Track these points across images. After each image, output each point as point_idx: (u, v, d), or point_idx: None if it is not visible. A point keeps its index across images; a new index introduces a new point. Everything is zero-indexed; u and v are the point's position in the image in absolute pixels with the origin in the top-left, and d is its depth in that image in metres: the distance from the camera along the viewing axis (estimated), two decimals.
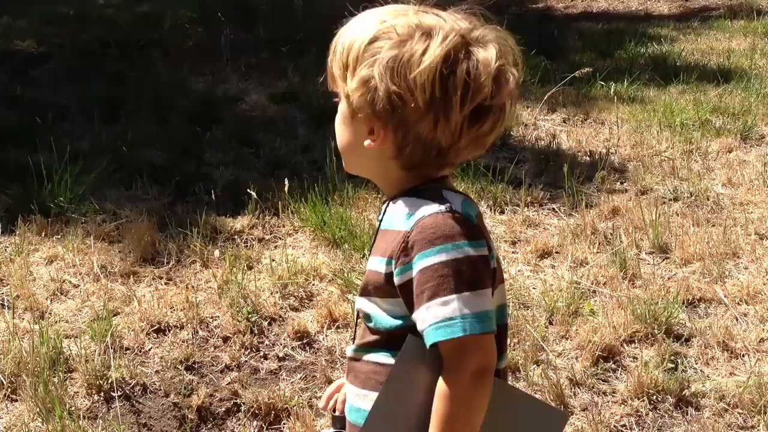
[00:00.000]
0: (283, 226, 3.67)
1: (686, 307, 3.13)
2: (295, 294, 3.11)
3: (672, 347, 2.84)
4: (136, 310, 2.94)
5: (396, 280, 1.26)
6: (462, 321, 1.20)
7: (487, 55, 1.26)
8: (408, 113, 1.26)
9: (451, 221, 1.25)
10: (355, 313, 1.48)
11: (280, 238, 3.59)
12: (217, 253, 3.33)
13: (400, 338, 1.29)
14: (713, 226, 3.76)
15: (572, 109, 5.16)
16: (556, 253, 3.52)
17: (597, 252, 3.50)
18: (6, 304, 2.95)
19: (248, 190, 3.63)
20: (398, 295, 1.28)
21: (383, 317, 1.31)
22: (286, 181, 3.53)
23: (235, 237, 3.55)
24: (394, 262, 1.26)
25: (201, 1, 7.54)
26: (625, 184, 4.26)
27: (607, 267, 3.37)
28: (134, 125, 4.70)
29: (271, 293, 3.10)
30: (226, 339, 2.85)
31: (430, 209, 1.27)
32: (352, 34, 1.31)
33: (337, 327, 2.94)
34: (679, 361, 2.79)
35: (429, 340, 1.22)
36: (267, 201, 3.74)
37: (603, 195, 4.06)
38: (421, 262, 1.23)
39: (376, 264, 1.31)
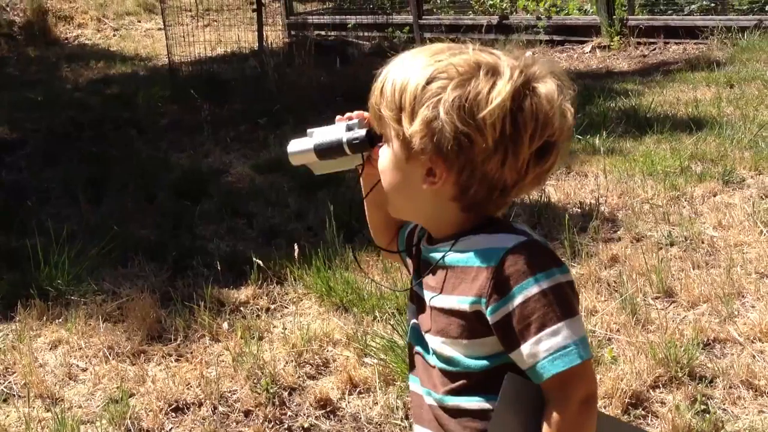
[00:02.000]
0: (287, 294, 3.62)
1: (702, 348, 3.13)
2: (311, 361, 3.05)
3: (698, 389, 2.83)
4: (151, 389, 2.85)
5: (490, 318, 1.23)
6: (575, 348, 1.19)
7: (550, 89, 1.26)
8: (475, 153, 1.24)
9: (536, 250, 1.24)
10: (410, 353, 1.42)
11: (287, 307, 3.54)
12: (225, 325, 3.27)
13: (491, 379, 1.25)
14: (713, 267, 3.80)
15: None
16: None
17: (605, 300, 3.50)
18: (16, 392, 2.84)
19: (252, 260, 3.59)
20: (489, 334, 1.24)
21: (469, 359, 1.27)
22: (296, 247, 3.49)
23: (241, 308, 3.49)
24: (485, 300, 1.23)
25: (172, 79, 7.59)
26: (618, 232, 4.30)
27: (618, 314, 3.37)
28: (121, 203, 4.65)
29: (287, 362, 3.03)
30: (247, 413, 2.77)
31: (511, 242, 1.24)
32: (403, 74, 1.27)
33: (359, 392, 2.88)
34: (708, 402, 2.77)
35: (546, 373, 1.19)
36: (268, 270, 3.70)
37: (600, 244, 4.09)
38: (520, 296, 1.21)
39: (457, 303, 1.27)
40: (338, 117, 1.46)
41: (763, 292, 3.53)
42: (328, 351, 3.12)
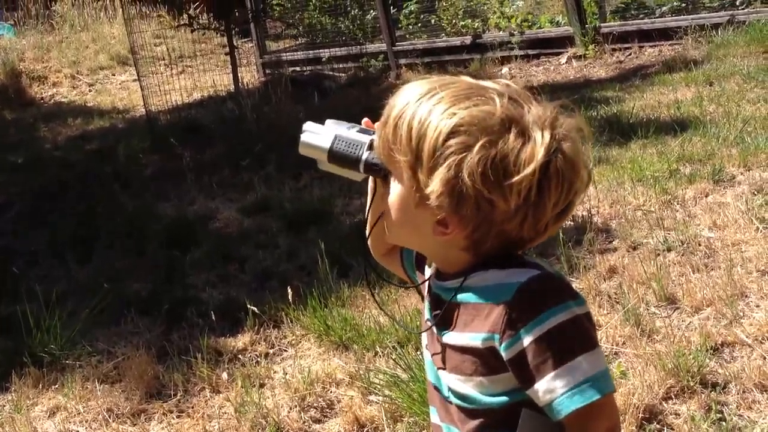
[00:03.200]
0: (285, 337, 3.55)
1: (711, 353, 3.07)
2: (316, 405, 2.98)
3: (711, 397, 2.77)
4: None
5: (505, 354, 1.18)
6: (594, 383, 1.14)
7: (575, 149, 1.20)
8: (495, 215, 1.19)
9: (550, 284, 1.20)
10: (431, 388, 1.36)
11: (285, 350, 3.47)
12: (225, 375, 3.20)
13: (512, 416, 1.21)
14: (712, 270, 3.76)
15: None
16: None
17: (607, 313, 3.45)
18: None
19: (247, 306, 3.52)
20: (505, 370, 1.20)
21: (486, 396, 1.23)
22: (289, 289, 3.43)
23: (239, 356, 3.42)
24: (498, 336, 1.18)
25: (151, 129, 7.56)
26: (614, 242, 4.26)
27: (622, 326, 3.31)
28: (110, 260, 4.59)
29: (290, 408, 2.96)
30: None
31: (525, 275, 1.19)
32: (421, 118, 1.18)
33: None
34: (723, 410, 2.71)
35: (564, 410, 1.14)
36: (264, 314, 3.63)
37: (596, 256, 4.05)
38: (535, 331, 1.16)
39: (470, 341, 1.23)
40: (365, 120, 1.37)
41: (767, 290, 3.48)
42: (331, 392, 3.05)
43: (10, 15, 14.05)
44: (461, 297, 1.26)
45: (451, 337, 1.26)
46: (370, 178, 1.38)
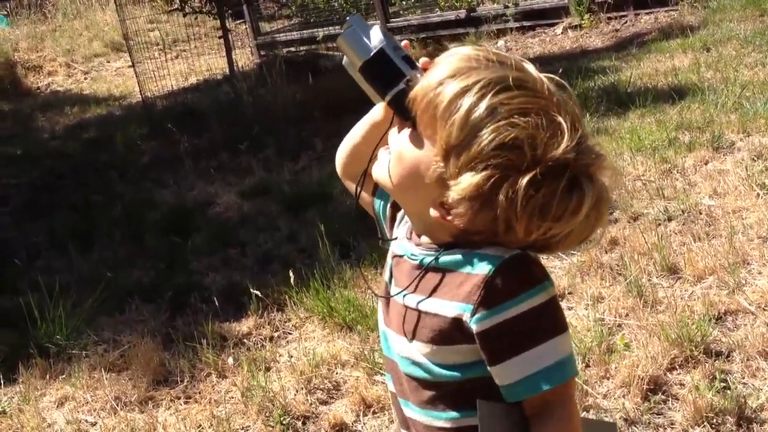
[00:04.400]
0: (289, 320, 3.56)
1: (714, 322, 3.08)
2: (322, 387, 2.99)
3: (716, 366, 2.78)
4: None
5: (475, 327, 1.15)
6: (565, 365, 1.15)
7: (609, 201, 1.17)
8: (506, 232, 1.15)
9: (531, 263, 1.17)
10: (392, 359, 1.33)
11: (290, 333, 3.48)
12: (230, 360, 3.21)
13: (458, 393, 1.20)
14: (714, 238, 3.75)
15: None
16: (570, 294, 3.46)
17: (610, 285, 3.45)
18: None
19: (250, 290, 3.53)
20: (462, 342, 1.17)
21: (438, 367, 1.21)
22: (291, 273, 3.43)
23: (244, 340, 3.43)
24: (471, 307, 1.15)
25: (148, 115, 7.53)
26: (614, 213, 4.25)
27: (625, 298, 3.31)
28: (111, 249, 4.59)
29: (297, 391, 2.97)
30: None
31: (507, 252, 1.16)
32: (481, 113, 1.11)
33: (374, 412, 2.82)
34: (727, 378, 2.72)
35: (534, 390, 1.14)
36: (267, 298, 3.64)
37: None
38: (512, 309, 1.13)
39: (437, 307, 1.19)
40: (423, 62, 1.22)
41: None
42: (337, 374, 3.06)
43: (3, 5, 13.96)
44: (444, 263, 1.22)
45: (413, 300, 1.23)
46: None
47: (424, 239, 1.26)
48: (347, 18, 1.26)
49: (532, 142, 1.11)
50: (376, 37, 1.22)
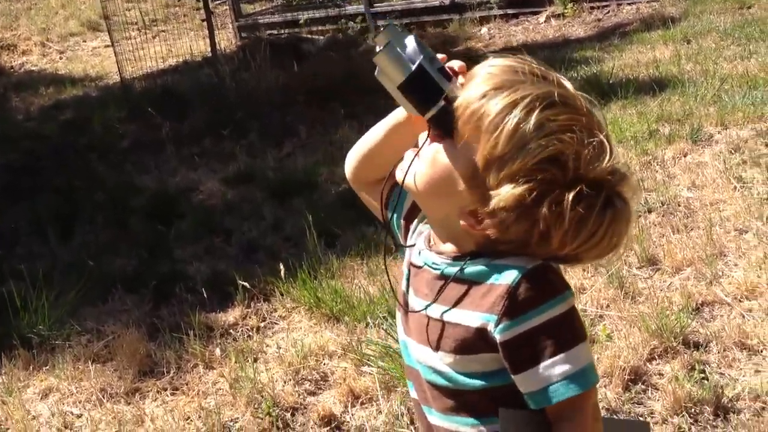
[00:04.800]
0: (276, 311, 3.58)
1: (692, 313, 3.15)
2: (310, 377, 3.02)
3: (694, 356, 2.84)
4: (150, 429, 2.80)
5: (499, 336, 1.19)
6: (587, 373, 1.18)
7: (634, 216, 1.23)
8: (540, 241, 1.18)
9: (552, 274, 1.21)
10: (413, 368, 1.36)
11: (276, 323, 3.50)
12: (218, 351, 3.23)
13: (480, 402, 1.24)
14: (692, 230, 3.82)
15: None
16: None
17: (591, 276, 3.51)
18: None
19: (235, 279, 3.55)
20: (486, 351, 1.21)
21: (461, 376, 1.24)
22: (281, 267, 3.45)
23: (231, 331, 3.45)
24: (495, 317, 1.18)
25: (126, 97, 7.46)
26: None
27: (606, 289, 3.38)
28: (93, 235, 4.57)
29: (285, 382, 3.00)
30: None
31: (530, 262, 1.19)
32: (529, 129, 1.14)
33: (362, 403, 2.86)
34: (704, 369, 2.79)
35: (559, 397, 1.17)
36: (254, 288, 3.65)
37: None
38: (536, 318, 1.17)
39: (466, 318, 1.22)
40: (447, 62, 1.24)
41: (744, 249, 3.56)
42: (324, 364, 3.09)
43: None
44: (468, 275, 1.24)
45: (436, 310, 1.26)
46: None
47: (447, 247, 1.28)
48: (381, 28, 1.24)
49: (576, 158, 1.15)
50: (412, 50, 1.20)
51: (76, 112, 7.79)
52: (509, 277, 1.19)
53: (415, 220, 1.40)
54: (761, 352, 2.84)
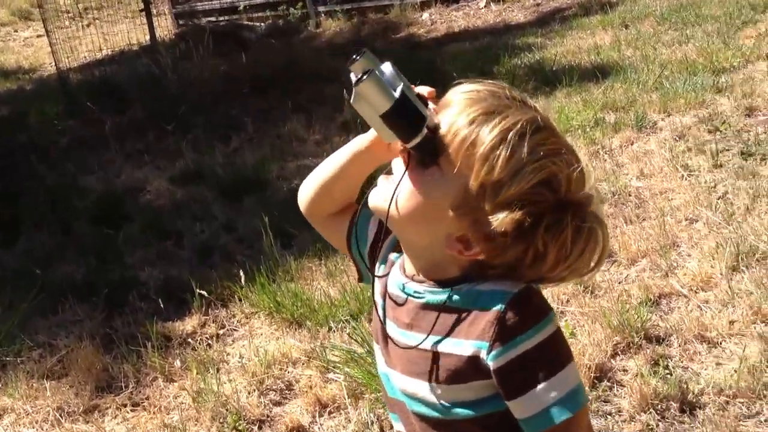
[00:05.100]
0: (234, 316, 3.52)
1: (651, 306, 3.20)
2: (275, 387, 2.98)
3: (656, 351, 2.89)
4: None
5: (492, 364, 1.17)
6: (578, 393, 1.17)
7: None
8: (533, 261, 1.19)
9: (537, 296, 1.21)
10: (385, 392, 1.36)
11: (236, 330, 3.44)
12: (177, 363, 3.15)
13: (476, 429, 1.23)
14: (644, 220, 3.88)
15: None
16: None
17: None
18: None
19: (190, 284, 3.47)
20: (476, 378, 1.20)
21: (451, 406, 1.23)
22: (242, 273, 3.38)
23: (189, 340, 3.37)
24: (487, 345, 1.17)
25: (64, 90, 7.22)
26: None
27: (565, 284, 3.41)
28: (38, 242, 4.42)
29: (249, 393, 2.95)
30: None
31: (514, 286, 1.19)
32: (522, 156, 1.14)
33: (329, 412, 2.82)
34: (666, 363, 2.84)
35: (555, 419, 1.16)
36: (210, 294, 3.58)
37: None
38: (527, 342, 1.16)
39: (457, 347, 1.21)
40: (426, 89, 1.23)
41: (696, 238, 3.63)
42: (289, 373, 3.05)
43: None
44: (433, 299, 1.24)
45: (427, 342, 1.23)
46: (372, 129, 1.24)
47: (427, 275, 1.26)
48: (356, 56, 1.19)
49: (567, 181, 1.17)
50: (391, 77, 1.17)
51: (11, 107, 7.52)
52: (497, 302, 1.18)
53: (383, 249, 1.38)
54: (720, 344, 2.91)
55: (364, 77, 1.15)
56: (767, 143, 4.30)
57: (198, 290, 3.41)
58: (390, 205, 1.23)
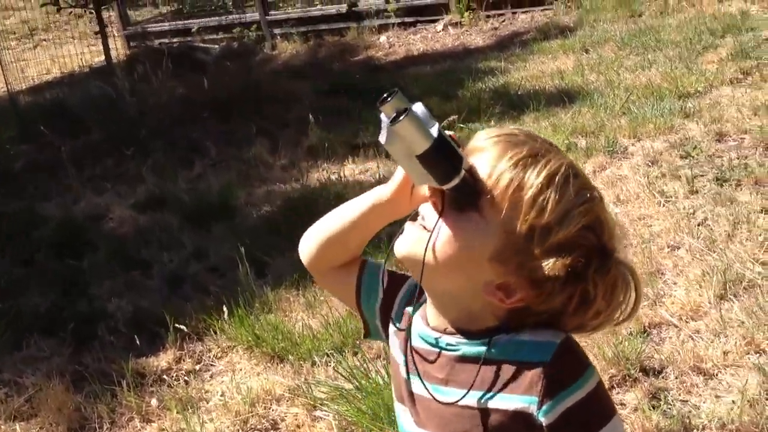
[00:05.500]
0: (211, 351, 3.36)
1: (640, 336, 3.16)
2: (259, 427, 2.84)
3: (653, 384, 2.84)
4: None
5: (545, 419, 1.13)
6: None
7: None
8: (590, 306, 1.19)
9: (577, 345, 1.20)
10: None
11: (213, 365, 3.29)
12: (154, 402, 2.99)
13: None
14: (625, 247, 3.86)
15: None
16: None
17: None
18: None
19: (162, 317, 3.32)
20: None
21: None
22: (214, 302, 3.23)
23: (164, 376, 3.21)
24: (537, 400, 1.13)
25: (18, 116, 6.96)
26: None
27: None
28: None
29: None
30: None
31: (557, 336, 1.17)
32: (568, 203, 1.13)
33: None
34: (665, 396, 2.79)
35: None
36: (186, 327, 3.42)
37: None
38: (573, 396, 1.13)
39: (502, 402, 1.16)
40: (451, 135, 1.18)
41: (681, 266, 3.61)
42: (273, 411, 2.92)
43: None
44: (470, 351, 1.19)
45: (459, 396, 1.18)
46: (402, 172, 1.20)
47: (458, 325, 1.21)
48: (387, 96, 1.12)
49: (608, 223, 1.19)
50: (425, 117, 1.12)
51: None
52: (540, 353, 1.15)
53: (396, 304, 1.34)
54: (716, 375, 2.87)
55: (401, 117, 1.09)
56: (740, 169, 4.34)
57: (180, 326, 3.24)
58: (425, 252, 1.17)
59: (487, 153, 1.16)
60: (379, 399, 2.69)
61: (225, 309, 3.34)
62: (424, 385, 1.23)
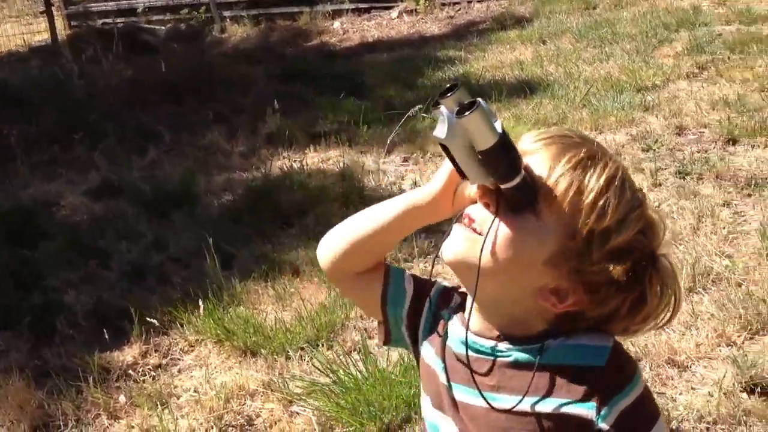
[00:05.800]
0: (177, 344, 3.25)
1: None
2: (235, 423, 2.75)
3: None
4: None
5: (605, 422, 1.11)
6: None
7: None
8: (642, 308, 1.17)
9: (624, 349, 1.18)
10: None
11: (180, 359, 3.18)
12: (122, 398, 2.87)
13: None
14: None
15: (408, 147, 5.15)
16: None
17: None
18: None
19: (125, 309, 3.20)
20: None
21: None
22: (201, 304, 3.13)
23: (130, 371, 3.09)
24: (595, 405, 1.11)
25: None
26: None
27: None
28: None
29: (207, 430, 2.71)
30: None
31: (607, 339, 1.16)
32: (628, 208, 1.10)
33: None
34: None
35: None
36: (151, 319, 3.29)
37: None
38: (626, 399, 1.12)
39: (559, 407, 1.12)
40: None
41: None
42: (248, 407, 2.83)
43: None
44: (522, 357, 1.16)
45: (514, 403, 1.14)
46: (448, 168, 1.13)
47: (506, 331, 1.17)
48: (450, 88, 1.07)
49: (657, 226, 1.16)
50: (489, 112, 1.07)
51: None
52: (593, 358, 1.14)
53: (425, 310, 1.29)
54: (690, 367, 2.90)
55: (470, 111, 1.03)
56: (701, 162, 4.40)
57: (138, 316, 3.12)
58: (481, 255, 1.12)
59: (540, 154, 1.12)
60: (359, 394, 2.64)
61: (197, 301, 3.22)
62: (480, 393, 1.17)
